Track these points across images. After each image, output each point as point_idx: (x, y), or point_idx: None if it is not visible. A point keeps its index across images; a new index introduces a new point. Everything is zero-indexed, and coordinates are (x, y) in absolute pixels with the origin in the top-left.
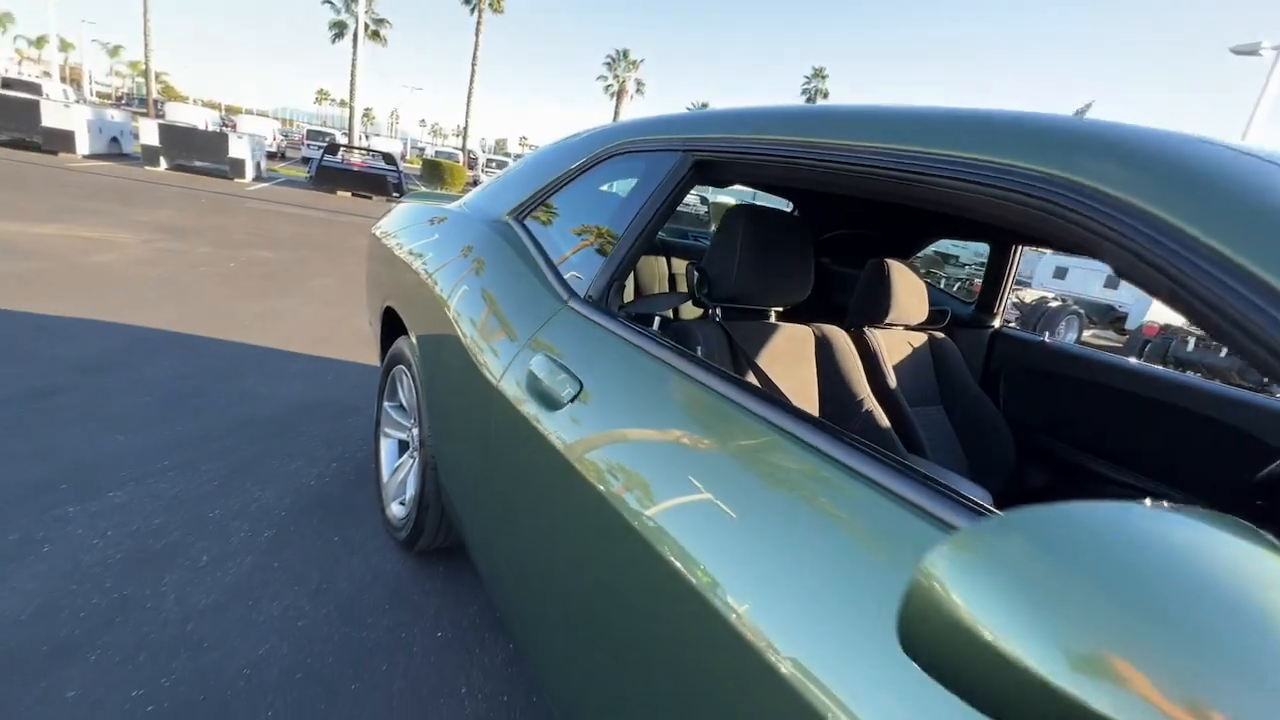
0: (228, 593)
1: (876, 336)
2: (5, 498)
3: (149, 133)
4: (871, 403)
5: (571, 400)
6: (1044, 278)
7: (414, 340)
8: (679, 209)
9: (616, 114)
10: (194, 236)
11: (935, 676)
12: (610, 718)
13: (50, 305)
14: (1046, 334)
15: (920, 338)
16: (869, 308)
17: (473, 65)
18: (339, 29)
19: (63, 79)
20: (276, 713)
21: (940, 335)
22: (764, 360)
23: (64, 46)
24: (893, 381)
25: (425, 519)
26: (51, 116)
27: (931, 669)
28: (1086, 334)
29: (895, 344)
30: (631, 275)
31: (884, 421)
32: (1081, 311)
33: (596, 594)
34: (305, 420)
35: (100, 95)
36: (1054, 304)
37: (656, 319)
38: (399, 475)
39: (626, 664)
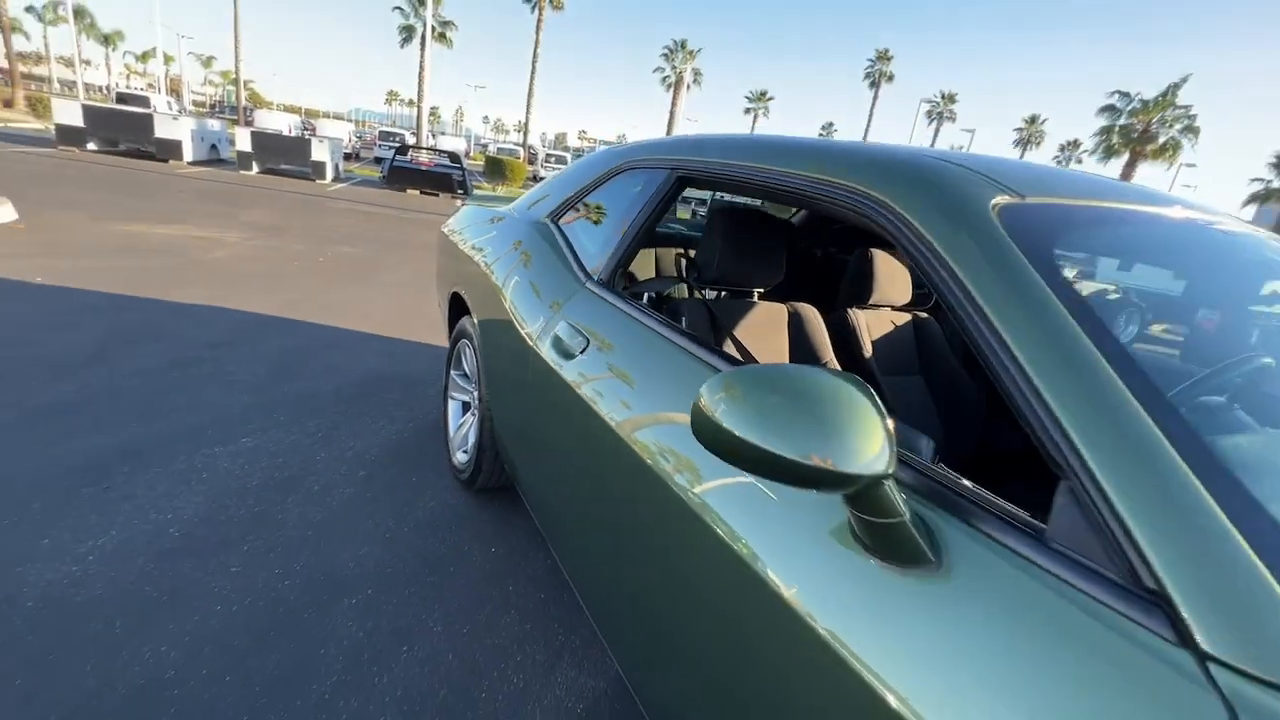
0: (334, 512)
1: (859, 316)
2: (172, 438)
3: (243, 140)
4: (834, 367)
5: (581, 353)
6: (1108, 273)
7: (475, 320)
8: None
9: (674, 105)
10: (287, 234)
11: (709, 450)
12: (612, 590)
13: (181, 294)
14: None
15: (905, 317)
16: (854, 291)
17: (533, 63)
18: (407, 33)
19: (171, 91)
20: (375, 592)
21: (925, 315)
22: (740, 331)
23: (165, 60)
24: (868, 353)
25: (483, 462)
26: (163, 128)
27: (708, 448)
28: (1157, 328)
29: (880, 323)
30: (633, 263)
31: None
32: (1143, 305)
33: (603, 497)
34: (385, 389)
35: (196, 103)
36: (1111, 297)
37: (645, 296)
38: (462, 430)
39: (624, 549)
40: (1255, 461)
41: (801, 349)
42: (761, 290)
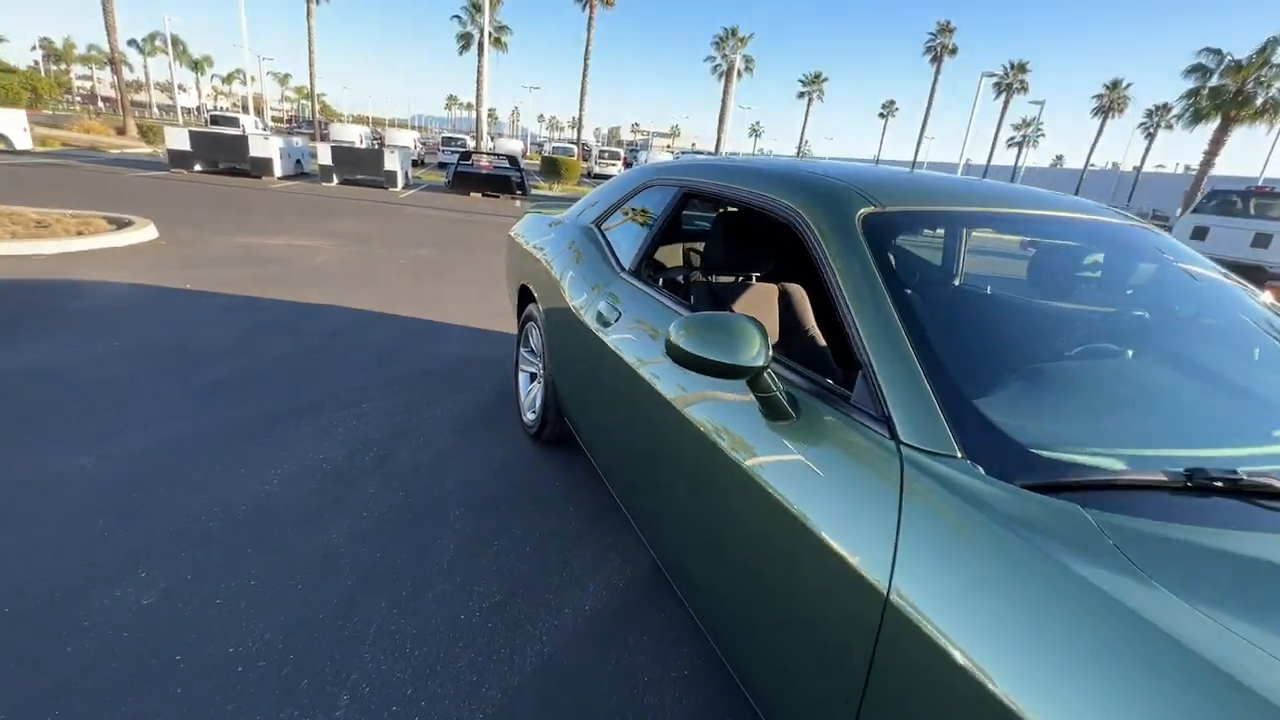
0: (436, 456)
1: (797, 290)
2: (310, 405)
3: (324, 155)
4: (815, 331)
5: (615, 322)
6: (1181, 239)
7: (540, 306)
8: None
9: (725, 94)
10: (372, 241)
11: (674, 361)
12: (642, 488)
13: (295, 295)
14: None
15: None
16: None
17: (585, 61)
18: (465, 40)
19: (245, 109)
20: (465, 513)
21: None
22: (738, 306)
23: (248, 80)
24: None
25: (547, 419)
26: (256, 148)
27: (673, 360)
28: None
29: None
30: (663, 256)
31: (821, 342)
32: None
33: (635, 424)
34: (466, 369)
35: (274, 119)
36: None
37: (661, 280)
38: (530, 395)
39: (650, 455)
40: (951, 360)
41: (788, 318)
42: (759, 274)
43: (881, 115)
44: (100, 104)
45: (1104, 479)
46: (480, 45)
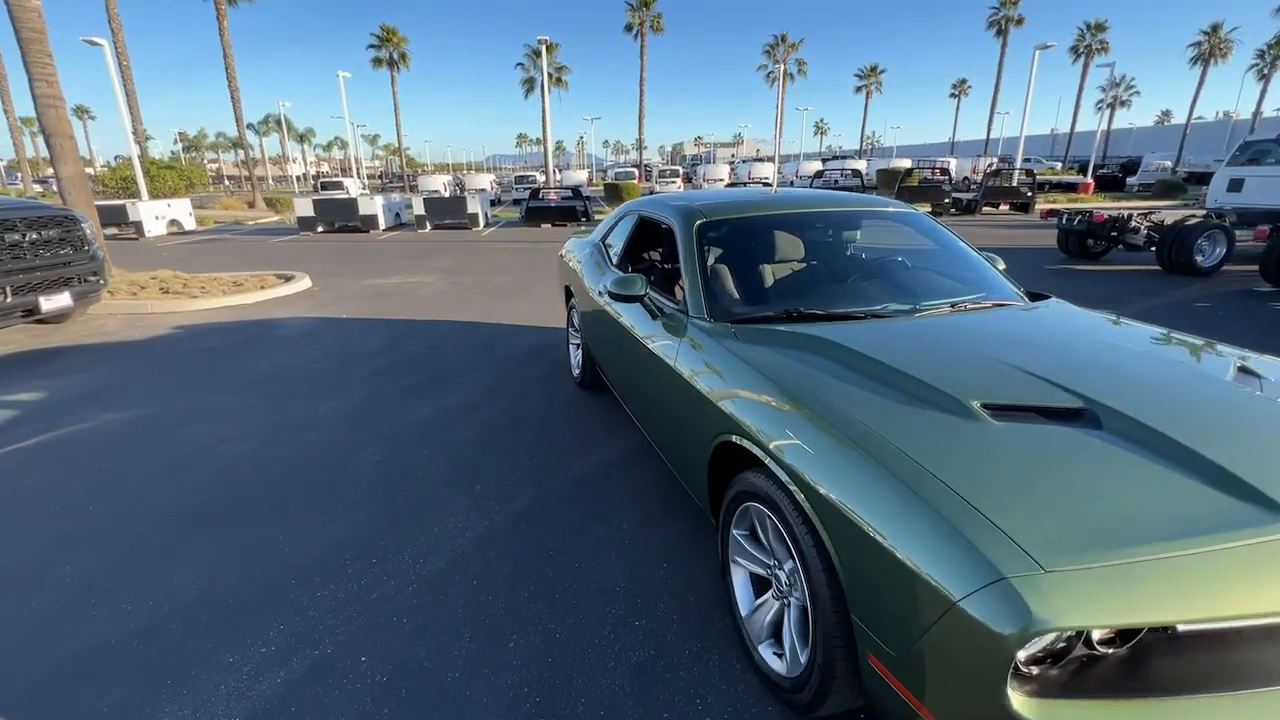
0: (522, 395)
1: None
2: (437, 378)
3: (418, 206)
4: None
5: (610, 295)
6: (1218, 194)
7: (576, 297)
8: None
9: (780, 99)
10: (463, 274)
11: (610, 299)
12: (637, 397)
13: (414, 314)
14: (1199, 257)
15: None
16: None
17: (640, 87)
18: (529, 84)
19: (344, 171)
20: (540, 423)
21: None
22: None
23: (343, 145)
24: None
25: (585, 371)
26: (364, 207)
27: (610, 298)
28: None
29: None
30: (627, 253)
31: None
32: (1227, 224)
33: (632, 371)
34: (536, 352)
35: (368, 176)
36: (1192, 221)
37: (630, 269)
38: (575, 357)
39: (636, 371)
40: (715, 286)
41: (665, 272)
42: (660, 253)
43: (953, 95)
44: (226, 181)
45: (747, 316)
46: (542, 88)
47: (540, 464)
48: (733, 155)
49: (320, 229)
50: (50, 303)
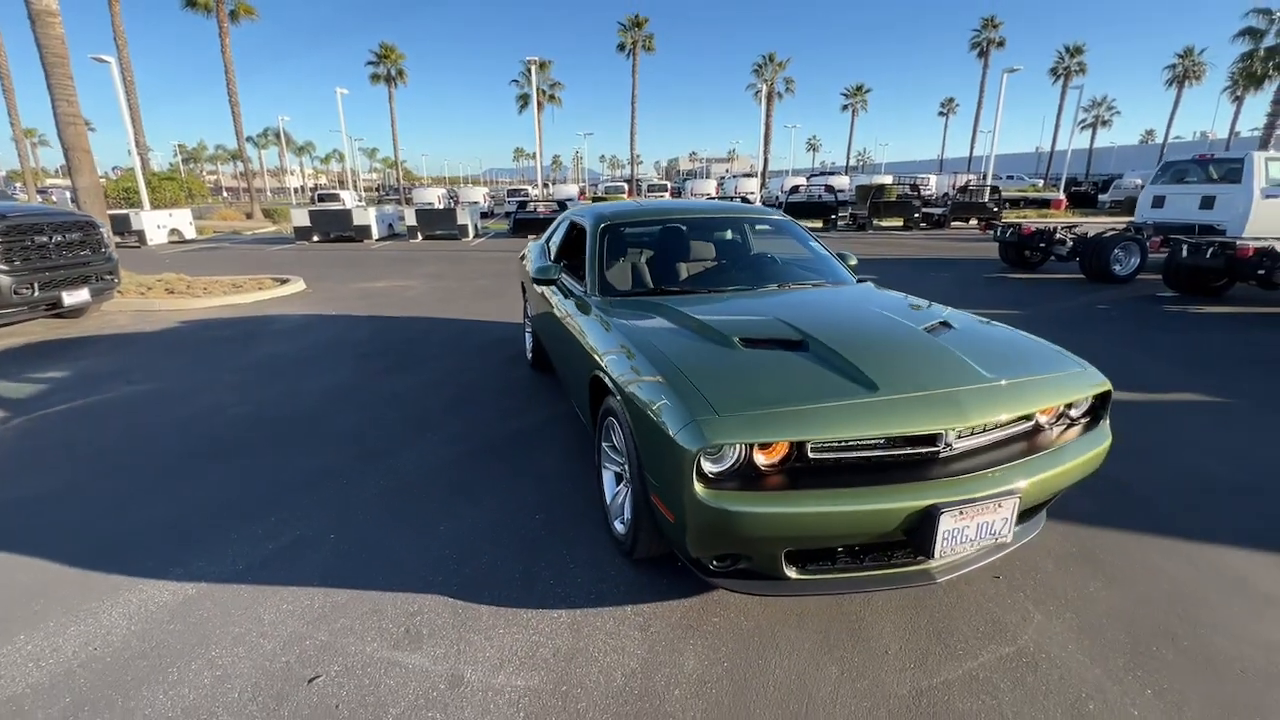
0: (483, 374)
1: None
2: (415, 361)
3: (410, 217)
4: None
5: (546, 284)
6: (1144, 210)
7: (527, 292)
8: None
9: (768, 117)
10: (447, 279)
11: (534, 282)
12: (562, 364)
13: (399, 311)
14: (1116, 266)
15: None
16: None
17: (632, 104)
18: (524, 100)
19: (341, 184)
20: (494, 393)
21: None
22: (568, 260)
23: (340, 158)
24: None
25: (536, 351)
26: (359, 218)
27: (534, 281)
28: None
29: None
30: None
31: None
32: (1141, 237)
33: (555, 339)
34: (501, 343)
35: (366, 188)
36: (1110, 233)
37: (563, 263)
38: (528, 341)
39: (562, 341)
40: (606, 272)
41: (576, 263)
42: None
43: (941, 114)
44: (225, 193)
45: (625, 291)
46: (535, 104)
47: (487, 421)
48: (726, 170)
49: (316, 238)
50: (72, 297)
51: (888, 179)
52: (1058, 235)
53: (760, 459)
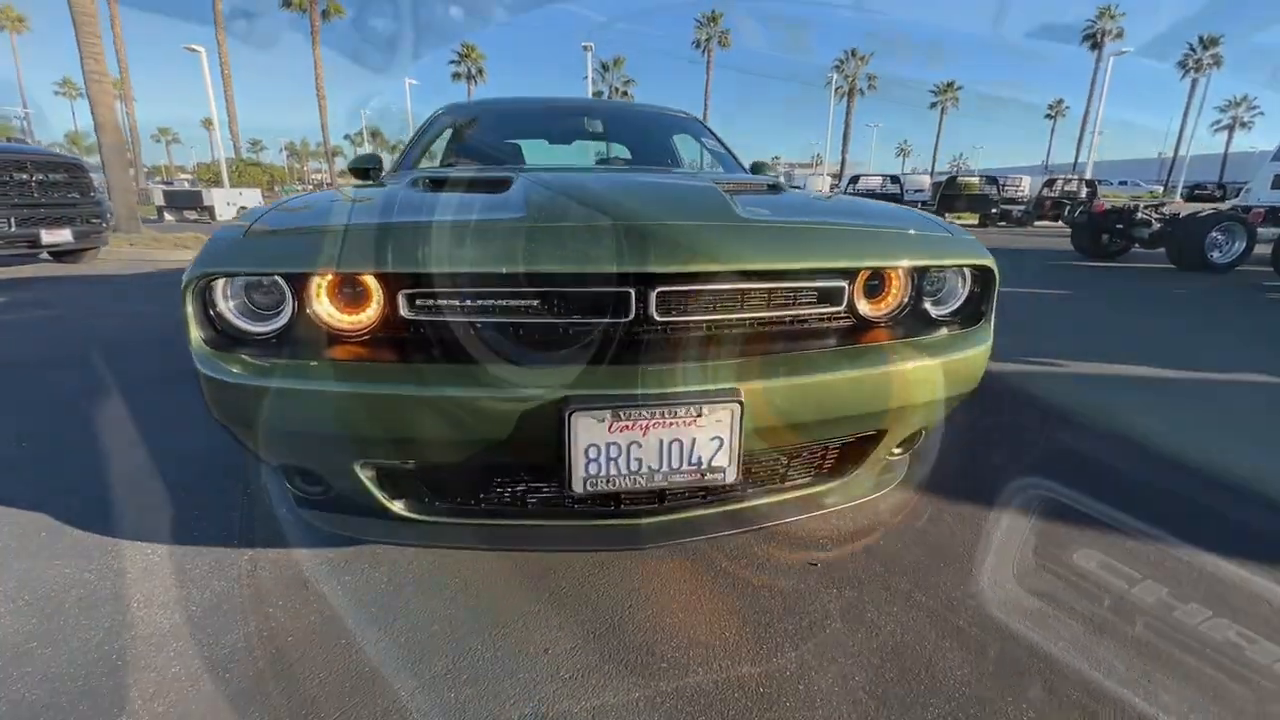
0: None
1: None
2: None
3: None
4: None
5: None
6: (1261, 191)
7: None
8: None
9: (848, 114)
10: None
11: None
12: None
13: None
14: (1215, 252)
15: None
16: None
17: (705, 101)
18: (597, 96)
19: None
20: None
21: None
22: None
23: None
24: None
25: None
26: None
27: None
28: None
29: None
30: None
31: None
32: (1246, 218)
33: None
34: None
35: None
36: (1205, 213)
37: None
38: None
39: None
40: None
41: None
42: None
43: (1049, 116)
44: (316, 184)
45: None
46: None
47: None
48: (811, 173)
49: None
50: (51, 236)
51: (974, 180)
52: (1139, 215)
53: (342, 319)
